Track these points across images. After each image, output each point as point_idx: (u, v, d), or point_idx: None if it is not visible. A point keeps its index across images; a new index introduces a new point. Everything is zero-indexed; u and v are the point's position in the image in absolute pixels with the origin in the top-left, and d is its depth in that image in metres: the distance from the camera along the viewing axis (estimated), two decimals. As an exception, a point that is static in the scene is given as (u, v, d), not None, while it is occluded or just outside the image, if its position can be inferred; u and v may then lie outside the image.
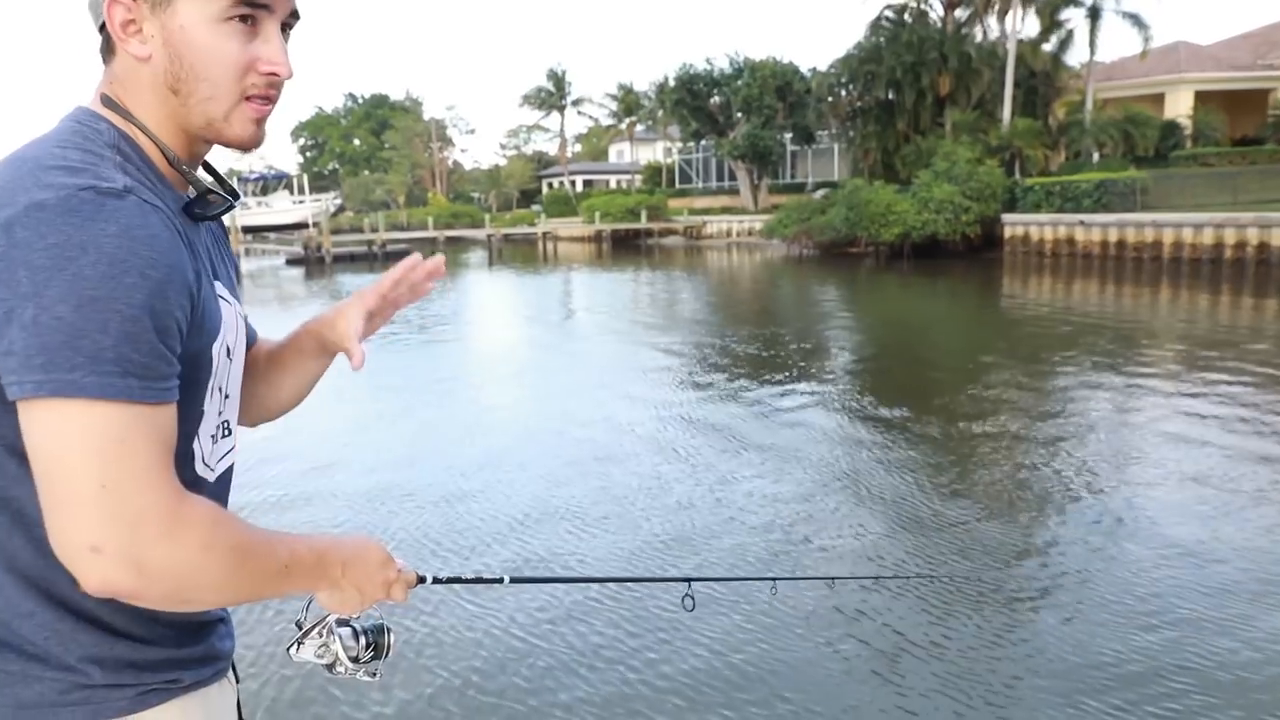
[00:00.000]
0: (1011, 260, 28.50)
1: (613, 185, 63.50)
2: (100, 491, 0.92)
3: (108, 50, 1.09)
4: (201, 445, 1.15)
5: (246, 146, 1.12)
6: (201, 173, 1.19)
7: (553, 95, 63.76)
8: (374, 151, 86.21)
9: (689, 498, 6.73)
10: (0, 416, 0.98)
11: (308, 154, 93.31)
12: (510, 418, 9.85)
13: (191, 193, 1.14)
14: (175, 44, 1.04)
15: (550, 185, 69.05)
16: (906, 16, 36.29)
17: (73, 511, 0.92)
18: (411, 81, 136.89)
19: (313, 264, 37.80)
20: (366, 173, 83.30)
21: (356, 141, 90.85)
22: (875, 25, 36.67)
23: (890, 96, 36.09)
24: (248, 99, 1.09)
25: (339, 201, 64.26)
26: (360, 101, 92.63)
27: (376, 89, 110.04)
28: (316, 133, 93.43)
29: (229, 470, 1.26)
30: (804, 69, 43.07)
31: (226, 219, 1.31)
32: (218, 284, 1.16)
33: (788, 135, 45.03)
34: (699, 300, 22.93)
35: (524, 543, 5.93)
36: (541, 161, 77.42)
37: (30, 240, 0.91)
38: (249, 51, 1.07)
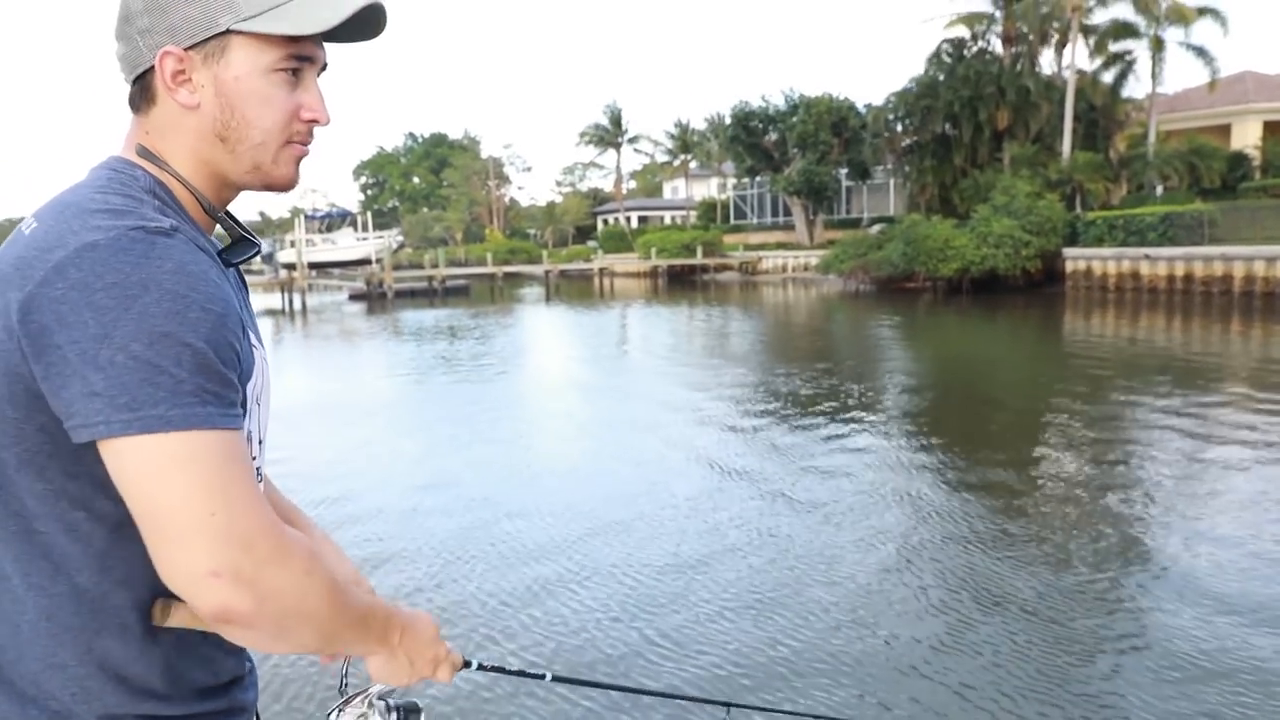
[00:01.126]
0: (1074, 295, 27.99)
1: (667, 221, 63.83)
2: (210, 519, 0.93)
3: (142, 100, 1.11)
4: None
5: (288, 188, 1.16)
6: None
7: (610, 132, 64.60)
8: (433, 189, 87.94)
9: (748, 575, 5.91)
10: (48, 461, 0.99)
11: (369, 192, 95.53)
12: (560, 458, 9.86)
13: (218, 240, 1.17)
14: (229, 94, 1.07)
15: (605, 221, 69.66)
16: (965, 52, 36.13)
17: (185, 542, 0.93)
18: (470, 120, 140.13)
19: (375, 299, 38.45)
20: (425, 210, 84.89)
21: (416, 179, 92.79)
22: (933, 59, 36.56)
23: (947, 130, 35.87)
24: (290, 143, 1.13)
25: (400, 238, 65.51)
26: (420, 140, 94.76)
27: (436, 128, 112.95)
28: (377, 171, 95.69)
29: None
30: (859, 105, 43.09)
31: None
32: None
33: (843, 170, 44.95)
34: (755, 337, 22.85)
35: (561, 603, 5.78)
36: (597, 198, 78.21)
37: (88, 281, 0.92)
38: (293, 99, 1.11)
